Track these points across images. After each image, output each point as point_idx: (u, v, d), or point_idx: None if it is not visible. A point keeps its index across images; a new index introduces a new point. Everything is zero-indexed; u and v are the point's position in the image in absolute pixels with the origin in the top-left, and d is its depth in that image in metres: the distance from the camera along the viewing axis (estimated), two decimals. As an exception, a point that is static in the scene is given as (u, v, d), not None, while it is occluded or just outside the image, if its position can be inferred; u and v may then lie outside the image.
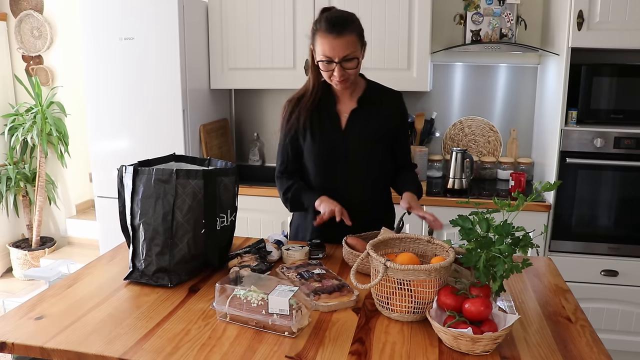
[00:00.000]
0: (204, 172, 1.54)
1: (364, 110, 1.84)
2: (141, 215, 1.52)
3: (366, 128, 1.84)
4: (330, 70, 1.70)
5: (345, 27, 1.65)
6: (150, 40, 2.84)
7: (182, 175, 1.51)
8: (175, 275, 1.54)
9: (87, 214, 4.39)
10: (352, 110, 1.84)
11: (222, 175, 1.61)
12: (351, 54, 1.67)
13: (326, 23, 1.66)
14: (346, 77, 1.71)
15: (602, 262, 2.66)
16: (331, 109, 1.85)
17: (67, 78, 4.15)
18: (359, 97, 1.85)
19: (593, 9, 2.47)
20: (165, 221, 1.50)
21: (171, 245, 1.52)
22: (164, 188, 1.51)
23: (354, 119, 1.84)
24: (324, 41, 1.66)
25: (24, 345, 1.23)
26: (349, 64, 1.69)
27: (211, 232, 1.59)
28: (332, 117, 1.84)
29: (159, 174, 1.51)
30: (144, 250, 1.53)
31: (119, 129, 2.99)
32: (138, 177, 1.53)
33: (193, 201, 1.52)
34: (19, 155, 4.14)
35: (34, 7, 4.02)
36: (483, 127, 3.20)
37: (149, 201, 1.51)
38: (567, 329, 1.31)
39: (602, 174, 2.61)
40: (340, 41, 1.65)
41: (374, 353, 1.19)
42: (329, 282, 1.49)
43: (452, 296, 1.26)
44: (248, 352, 1.20)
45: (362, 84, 1.88)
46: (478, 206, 1.38)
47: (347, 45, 1.66)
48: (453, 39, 3.09)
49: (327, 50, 1.67)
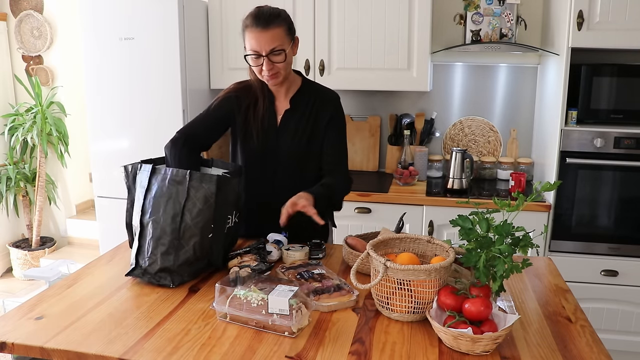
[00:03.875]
0: (218, 177, 1.53)
1: (297, 111, 1.86)
2: (152, 213, 1.52)
3: (297, 128, 1.85)
4: (259, 65, 1.71)
5: (270, 21, 1.67)
6: (150, 40, 2.84)
7: (196, 178, 1.51)
8: (178, 276, 1.54)
9: (87, 214, 4.39)
10: (286, 111, 1.86)
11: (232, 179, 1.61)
12: (278, 47, 1.68)
13: (252, 18, 1.68)
14: (276, 71, 1.72)
15: (602, 262, 2.66)
16: (269, 106, 1.86)
17: (67, 78, 4.15)
18: (292, 96, 1.87)
19: (593, 9, 2.47)
20: (174, 222, 1.50)
21: (177, 246, 1.51)
22: (176, 189, 1.51)
23: (287, 119, 1.86)
24: (251, 35, 1.68)
25: (24, 345, 1.23)
26: (277, 57, 1.70)
27: (218, 237, 1.58)
28: (269, 114, 1.86)
29: (174, 174, 1.52)
30: (149, 248, 1.53)
31: (119, 129, 3.00)
32: (154, 175, 1.54)
33: (204, 205, 1.51)
34: (19, 155, 4.14)
35: (34, 7, 4.02)
36: (483, 127, 3.20)
37: (160, 200, 1.51)
38: (567, 329, 1.31)
39: (602, 174, 2.61)
40: (266, 34, 1.66)
41: (374, 353, 1.19)
42: (329, 282, 1.49)
43: (452, 296, 1.26)
44: (248, 352, 1.20)
45: (297, 83, 1.88)
46: (478, 206, 1.38)
47: (273, 38, 1.67)
48: (453, 39, 3.09)
49: (254, 45, 1.68)
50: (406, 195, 2.76)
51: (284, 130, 1.86)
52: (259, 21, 1.67)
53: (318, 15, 2.91)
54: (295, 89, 1.87)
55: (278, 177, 1.88)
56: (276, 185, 1.88)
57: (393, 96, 3.25)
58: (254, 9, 1.71)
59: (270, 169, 1.88)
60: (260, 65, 1.71)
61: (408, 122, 3.12)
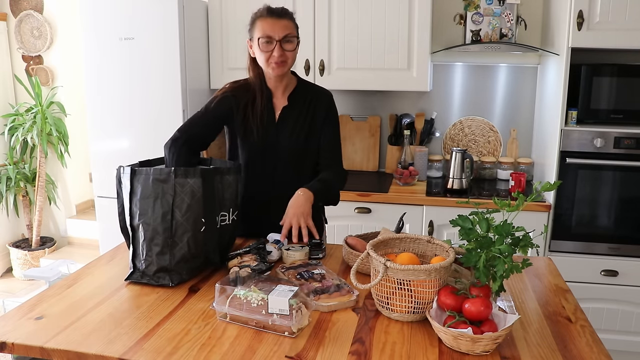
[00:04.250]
0: (202, 170, 1.54)
1: (294, 108, 1.91)
2: (140, 216, 1.52)
3: (296, 124, 1.90)
4: (269, 50, 1.77)
5: (284, 14, 1.80)
6: (150, 40, 2.84)
7: (180, 174, 1.51)
8: (176, 274, 1.54)
9: (87, 214, 4.39)
10: (284, 107, 1.91)
11: (222, 174, 1.61)
12: (290, 35, 1.79)
13: (266, 10, 1.79)
14: (284, 58, 1.79)
15: (602, 262, 2.66)
16: (268, 104, 1.91)
17: (67, 78, 4.15)
18: (289, 94, 1.92)
19: (593, 9, 2.47)
20: (165, 221, 1.50)
21: (171, 244, 1.52)
22: (162, 188, 1.50)
23: (285, 115, 1.91)
24: (265, 22, 1.77)
25: (24, 345, 1.23)
26: (289, 45, 1.79)
27: (211, 231, 1.59)
28: (268, 111, 1.90)
29: (156, 173, 1.51)
30: (144, 250, 1.53)
31: (119, 129, 2.99)
32: (136, 177, 1.52)
33: (192, 200, 1.52)
34: (19, 155, 4.14)
35: (34, 7, 4.02)
36: (483, 127, 3.20)
37: (147, 201, 1.51)
38: (567, 329, 1.31)
39: (602, 174, 2.61)
40: (280, 22, 1.77)
41: (374, 353, 1.19)
42: (329, 282, 1.49)
43: (452, 296, 1.26)
44: (248, 352, 1.20)
45: (293, 82, 1.95)
46: (478, 206, 1.38)
47: (286, 26, 1.78)
48: (453, 39, 3.09)
49: (267, 30, 1.76)
50: (406, 195, 2.76)
51: (283, 127, 1.91)
52: (274, 12, 1.78)
53: (318, 15, 2.91)
54: (292, 87, 1.93)
55: (278, 172, 1.92)
56: (276, 181, 1.92)
57: (393, 96, 3.25)
58: (266, 5, 1.82)
59: (270, 165, 1.92)
60: (271, 51, 1.77)
61: (408, 122, 3.12)
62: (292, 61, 1.84)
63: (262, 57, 1.80)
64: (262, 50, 1.78)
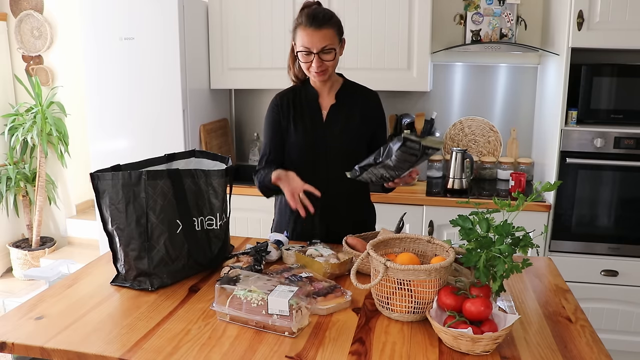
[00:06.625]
0: (169, 171, 1.53)
1: (343, 106, 1.92)
2: (112, 221, 1.50)
3: (345, 122, 1.91)
4: (309, 61, 1.79)
5: (323, 22, 1.75)
6: (150, 40, 2.84)
7: (150, 176, 1.49)
8: (157, 278, 1.51)
9: (87, 214, 4.39)
10: (332, 105, 1.91)
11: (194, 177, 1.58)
12: (329, 46, 1.77)
13: (306, 18, 1.76)
14: (324, 68, 1.80)
15: (602, 262, 2.66)
16: (313, 103, 1.92)
17: (67, 78, 4.15)
18: (336, 92, 1.92)
19: (593, 9, 2.47)
20: (140, 225, 1.48)
21: (148, 248, 1.50)
22: (133, 191, 1.48)
23: (334, 113, 1.91)
24: (304, 33, 1.76)
25: (24, 345, 1.23)
26: (327, 56, 1.78)
27: (189, 232, 1.56)
28: (314, 111, 1.91)
29: (126, 177, 1.48)
30: (122, 255, 1.52)
31: (119, 129, 2.99)
32: (101, 182, 1.50)
33: (164, 201, 1.51)
34: (19, 155, 4.14)
35: (34, 7, 4.02)
36: (483, 127, 3.20)
37: (118, 206, 1.48)
38: (567, 329, 1.31)
39: (602, 174, 2.61)
40: (318, 33, 1.75)
41: (374, 353, 1.19)
42: (320, 284, 1.47)
43: (452, 296, 1.26)
44: (248, 352, 1.20)
45: (339, 81, 1.95)
46: (478, 206, 1.38)
47: (324, 37, 1.75)
48: (453, 39, 3.09)
49: (306, 42, 1.76)
50: (406, 195, 2.76)
51: (331, 124, 1.91)
52: (313, 21, 1.75)
53: (318, 15, 2.91)
54: (338, 86, 1.94)
55: (331, 173, 1.90)
56: (330, 179, 1.89)
57: (393, 96, 3.25)
58: (305, 8, 1.80)
59: (322, 167, 1.90)
60: (310, 62, 1.78)
61: (408, 122, 3.12)
62: (334, 68, 1.84)
63: (304, 66, 1.82)
64: (302, 60, 1.80)
